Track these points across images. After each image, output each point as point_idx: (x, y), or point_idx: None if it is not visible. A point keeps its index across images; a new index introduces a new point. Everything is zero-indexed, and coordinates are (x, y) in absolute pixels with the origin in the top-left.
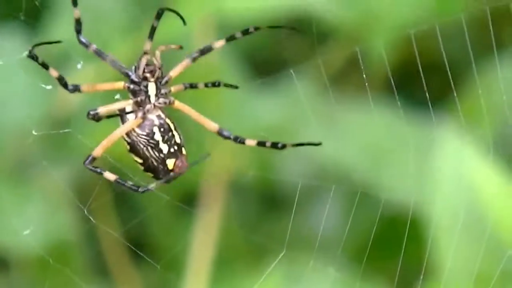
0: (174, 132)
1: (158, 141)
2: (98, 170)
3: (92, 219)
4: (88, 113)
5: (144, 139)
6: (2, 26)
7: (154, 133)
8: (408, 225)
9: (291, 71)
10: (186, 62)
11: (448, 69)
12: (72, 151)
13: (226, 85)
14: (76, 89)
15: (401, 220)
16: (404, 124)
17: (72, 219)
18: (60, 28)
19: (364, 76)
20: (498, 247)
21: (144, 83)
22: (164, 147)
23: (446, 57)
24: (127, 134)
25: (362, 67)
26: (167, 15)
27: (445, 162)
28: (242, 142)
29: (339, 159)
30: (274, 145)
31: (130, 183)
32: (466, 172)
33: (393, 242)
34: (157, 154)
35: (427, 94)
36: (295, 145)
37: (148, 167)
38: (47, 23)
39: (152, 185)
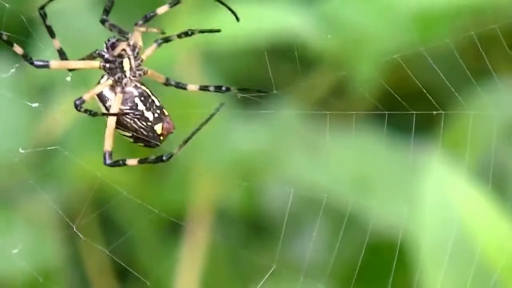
0: (153, 97)
1: (142, 111)
2: (120, 162)
3: (81, 236)
4: (75, 104)
5: (129, 112)
6: None
7: (137, 104)
8: (396, 252)
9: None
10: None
11: (434, 94)
12: (60, 168)
13: (202, 31)
14: (44, 64)
15: (388, 247)
16: (390, 151)
17: (59, 239)
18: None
19: (356, 96)
20: (486, 274)
21: (119, 60)
22: (149, 115)
23: (433, 83)
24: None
25: (347, 93)
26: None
27: (431, 190)
28: (184, 87)
29: (324, 185)
30: (218, 88)
31: (152, 157)
32: (452, 199)
33: (380, 270)
34: (144, 124)
35: (413, 120)
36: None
37: (137, 138)
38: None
39: (175, 151)
